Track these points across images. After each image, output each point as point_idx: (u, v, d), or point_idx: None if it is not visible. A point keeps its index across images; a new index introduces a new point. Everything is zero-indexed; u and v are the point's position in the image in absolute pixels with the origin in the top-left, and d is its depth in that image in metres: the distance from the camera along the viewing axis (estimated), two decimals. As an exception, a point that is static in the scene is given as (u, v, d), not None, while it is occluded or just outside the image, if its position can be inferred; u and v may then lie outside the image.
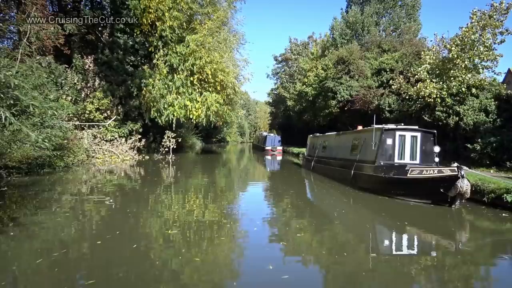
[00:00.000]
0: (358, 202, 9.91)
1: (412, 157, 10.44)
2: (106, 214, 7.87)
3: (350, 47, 29.12)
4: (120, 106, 25.44)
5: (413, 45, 24.62)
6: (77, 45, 26.48)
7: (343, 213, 8.49)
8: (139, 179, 14.15)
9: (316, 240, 6.36)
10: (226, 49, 26.34)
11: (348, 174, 11.76)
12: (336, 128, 28.63)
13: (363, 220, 8.25)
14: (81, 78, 24.25)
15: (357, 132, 12.75)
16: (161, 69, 25.87)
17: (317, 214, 8.73)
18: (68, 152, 16.43)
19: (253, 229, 6.79)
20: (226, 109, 26.53)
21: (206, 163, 25.09)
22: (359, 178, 11.14)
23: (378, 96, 23.92)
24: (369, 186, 10.57)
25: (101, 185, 11.98)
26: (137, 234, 6.37)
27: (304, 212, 8.89)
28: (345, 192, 11.28)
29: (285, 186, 13.33)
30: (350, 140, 12.96)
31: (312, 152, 18.40)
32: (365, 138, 11.62)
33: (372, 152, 10.76)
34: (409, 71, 22.86)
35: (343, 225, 7.54)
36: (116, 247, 5.50)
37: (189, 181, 14.48)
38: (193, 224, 7.11)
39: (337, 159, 13.69)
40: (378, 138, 10.59)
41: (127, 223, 7.04)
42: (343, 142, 13.87)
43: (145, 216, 7.78)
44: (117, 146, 23.42)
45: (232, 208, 9.05)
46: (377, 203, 9.49)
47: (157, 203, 9.32)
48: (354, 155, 12.21)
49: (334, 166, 13.65)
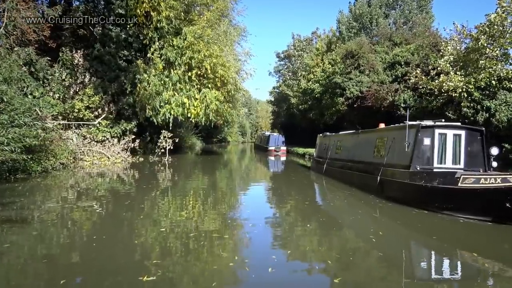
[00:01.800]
0: (388, 216, 8.00)
1: (455, 161, 8.51)
2: (91, 229, 5.99)
3: (359, 39, 27.18)
4: (112, 104, 23.56)
5: (430, 36, 22.65)
6: (68, 40, 24.60)
7: (369, 228, 6.64)
8: (127, 184, 12.24)
9: (337, 259, 5.01)
10: (226, 42, 24.45)
11: (373, 180, 9.84)
12: (343, 127, 26.70)
13: (397, 239, 6.41)
14: (69, 74, 22.42)
15: (382, 131, 10.82)
16: (156, 64, 23.96)
17: (337, 229, 6.84)
18: (48, 155, 14.52)
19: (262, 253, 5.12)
20: (226, 107, 24.61)
21: (205, 165, 23.18)
22: (388, 186, 9.22)
23: (392, 91, 21.98)
24: (401, 196, 8.66)
25: (84, 193, 10.10)
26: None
27: (320, 224, 7.08)
28: (369, 202, 9.37)
29: (295, 192, 11.41)
30: (373, 140, 11.04)
31: (323, 153, 16.49)
32: (393, 138, 9.70)
33: (405, 154, 8.84)
34: (427, 64, 20.95)
35: (369, 242, 5.80)
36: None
37: (185, 186, 12.57)
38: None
39: (356, 162, 11.75)
40: (413, 138, 8.67)
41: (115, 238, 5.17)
42: (363, 143, 11.93)
43: (139, 226, 6.03)
44: (108, 148, 21.54)
45: (234, 228, 7.15)
46: (413, 218, 7.59)
47: (148, 214, 7.43)
48: (379, 158, 10.29)
49: (353, 171, 11.72)
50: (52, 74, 21.68)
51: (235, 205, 9.52)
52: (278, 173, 19.83)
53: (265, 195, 11.60)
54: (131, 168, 18.18)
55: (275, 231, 6.81)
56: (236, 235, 6.43)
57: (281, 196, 11.04)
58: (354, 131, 13.37)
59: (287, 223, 7.50)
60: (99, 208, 8.37)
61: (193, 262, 4.93)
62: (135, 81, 23.90)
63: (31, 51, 16.48)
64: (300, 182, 14.48)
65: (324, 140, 17.28)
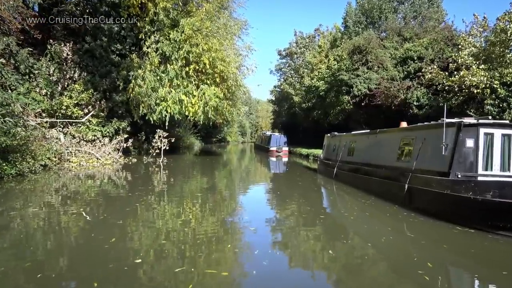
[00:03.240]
0: (426, 235, 6.49)
1: (503, 167, 6.97)
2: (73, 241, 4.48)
3: (368, 33, 25.66)
4: (104, 101, 22.02)
5: (445, 29, 21.14)
6: (59, 33, 23.03)
7: (408, 254, 5.15)
8: (113, 189, 10.69)
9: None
10: (226, 36, 22.92)
11: (398, 188, 8.32)
12: (348, 127, 25.18)
13: (449, 271, 4.96)
14: (57, 68, 20.90)
15: (408, 130, 9.27)
16: (152, 58, 22.46)
17: (366, 254, 5.33)
18: (27, 156, 12.99)
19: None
20: (226, 105, 23.07)
21: (203, 167, 21.64)
22: (419, 197, 7.70)
23: (403, 89, 20.47)
24: (438, 210, 7.15)
25: (61, 200, 8.57)
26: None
27: (343, 247, 5.56)
28: (395, 215, 7.85)
29: (304, 200, 9.87)
30: (396, 141, 9.50)
31: (332, 155, 14.97)
32: (424, 139, 8.17)
33: (441, 158, 7.31)
34: (442, 59, 19.46)
35: (414, 275, 4.26)
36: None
37: (179, 192, 11.02)
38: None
39: (375, 167, 10.22)
40: (452, 139, 7.14)
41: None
42: (383, 144, 10.39)
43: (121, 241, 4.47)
44: (99, 148, 20.03)
45: (235, 260, 5.64)
46: (459, 240, 6.08)
47: (132, 228, 5.93)
48: (405, 162, 8.76)
49: (371, 176, 10.18)
50: (38, 68, 20.17)
51: (236, 218, 7.99)
52: (283, 177, 18.29)
53: (270, 205, 10.07)
54: (122, 170, 16.66)
55: (288, 258, 5.30)
56: (239, 268, 4.93)
57: (288, 205, 9.51)
58: (371, 131, 11.83)
59: (302, 243, 5.98)
60: (75, 220, 6.85)
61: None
62: (129, 77, 22.41)
63: (11, 40, 14.93)
64: (309, 188, 12.95)
65: (333, 140, 15.76)
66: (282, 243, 5.98)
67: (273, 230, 6.91)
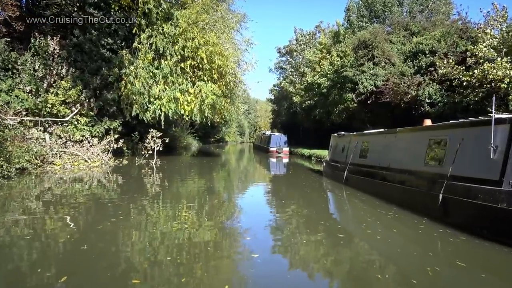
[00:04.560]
0: (473, 261, 5.15)
1: None
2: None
3: (374, 27, 24.32)
4: (93, 99, 20.58)
5: (458, 20, 19.77)
6: (48, 27, 21.56)
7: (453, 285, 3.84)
8: (91, 197, 9.27)
9: None
10: (224, 29, 21.51)
11: (431, 199, 6.95)
12: (352, 127, 23.81)
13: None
14: (43, 64, 19.44)
15: (438, 129, 7.87)
16: (145, 54, 21.05)
17: (400, 280, 3.99)
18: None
19: None
20: (224, 103, 21.65)
21: (200, 169, 20.23)
22: (460, 210, 6.32)
23: (414, 85, 19.12)
24: (488, 228, 5.78)
25: (43, 206, 7.17)
26: None
27: (366, 271, 4.16)
28: (429, 232, 6.47)
29: (316, 211, 8.48)
30: (423, 141, 8.10)
31: (340, 157, 13.59)
32: (462, 139, 6.80)
33: (489, 163, 5.93)
34: (456, 52, 18.13)
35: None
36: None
37: (170, 201, 9.63)
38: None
39: (396, 171, 8.82)
40: (505, 139, 5.77)
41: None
42: (405, 145, 8.99)
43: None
44: (87, 149, 18.59)
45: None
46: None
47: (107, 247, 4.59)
48: (436, 167, 7.38)
49: (391, 182, 8.80)
50: (23, 63, 18.75)
51: (236, 231, 6.61)
52: (286, 180, 16.89)
53: (274, 214, 8.68)
54: (110, 173, 15.25)
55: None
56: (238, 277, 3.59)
57: (296, 215, 8.11)
58: (388, 130, 10.44)
59: (316, 267, 4.60)
60: (59, 228, 5.45)
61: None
62: (121, 74, 21.00)
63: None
64: (316, 194, 11.57)
65: (341, 141, 14.38)
66: (295, 271, 4.60)
67: (282, 252, 5.53)
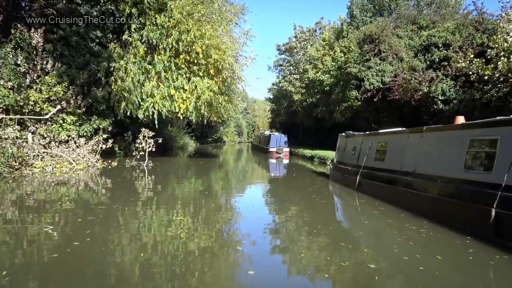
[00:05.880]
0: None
1: None
2: None
3: (381, 20, 22.96)
4: (81, 96, 19.10)
5: (475, 10, 18.43)
6: (35, 20, 20.06)
7: None
8: (66, 208, 7.86)
9: None
10: (221, 21, 20.08)
11: (478, 214, 5.57)
12: (355, 126, 22.44)
13: None
14: (26, 58, 17.97)
15: (484, 127, 6.45)
16: (136, 47, 19.61)
17: None
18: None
19: None
20: (221, 100, 20.22)
21: (195, 171, 18.80)
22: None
23: (426, 81, 17.77)
24: None
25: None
26: None
27: None
28: (479, 256, 5.10)
29: (323, 223, 7.09)
30: (462, 141, 6.69)
31: (350, 159, 12.21)
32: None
33: None
34: (472, 45, 16.80)
35: None
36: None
37: (160, 212, 8.23)
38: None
39: (426, 178, 7.41)
40: None
41: None
42: (436, 146, 7.59)
43: None
44: (73, 150, 17.13)
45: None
46: None
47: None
48: (482, 174, 5.98)
49: (421, 191, 7.39)
50: (2, 57, 17.28)
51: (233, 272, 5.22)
52: (289, 185, 15.44)
53: (284, 234, 7.28)
54: (97, 176, 13.84)
55: None
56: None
57: (309, 234, 6.74)
58: (411, 129, 9.04)
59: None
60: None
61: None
62: (110, 69, 19.55)
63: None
64: (327, 203, 10.16)
65: (350, 141, 12.99)
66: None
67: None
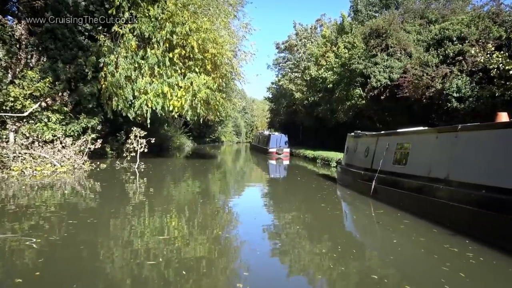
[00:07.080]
0: None
1: None
2: None
3: (387, 14, 21.75)
4: (67, 92, 17.76)
5: (492, 1, 17.19)
6: (23, 11, 18.74)
7: None
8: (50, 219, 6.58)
9: None
10: (219, 13, 18.78)
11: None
12: (358, 126, 21.15)
13: None
14: (7, 51, 16.63)
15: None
16: (128, 40, 18.29)
17: None
18: None
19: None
20: (219, 98, 18.92)
21: (192, 173, 17.52)
22: None
23: (439, 77, 16.53)
24: None
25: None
26: None
27: None
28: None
29: (339, 240, 5.84)
30: (508, 143, 5.48)
31: (362, 162, 10.95)
32: None
33: None
34: (490, 39, 15.58)
35: None
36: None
37: (148, 227, 6.96)
38: None
39: (466, 187, 6.11)
40: None
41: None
42: (476, 149, 6.30)
43: None
44: (58, 150, 15.81)
45: None
46: None
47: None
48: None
49: (460, 203, 6.10)
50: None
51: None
52: (294, 189, 14.11)
53: (295, 257, 6.01)
54: (82, 180, 12.53)
55: None
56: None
57: (332, 260, 5.48)
58: (440, 127, 7.77)
59: None
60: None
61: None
62: (100, 64, 18.23)
63: None
64: (340, 214, 8.91)
65: (361, 141, 11.73)
66: None
67: None
